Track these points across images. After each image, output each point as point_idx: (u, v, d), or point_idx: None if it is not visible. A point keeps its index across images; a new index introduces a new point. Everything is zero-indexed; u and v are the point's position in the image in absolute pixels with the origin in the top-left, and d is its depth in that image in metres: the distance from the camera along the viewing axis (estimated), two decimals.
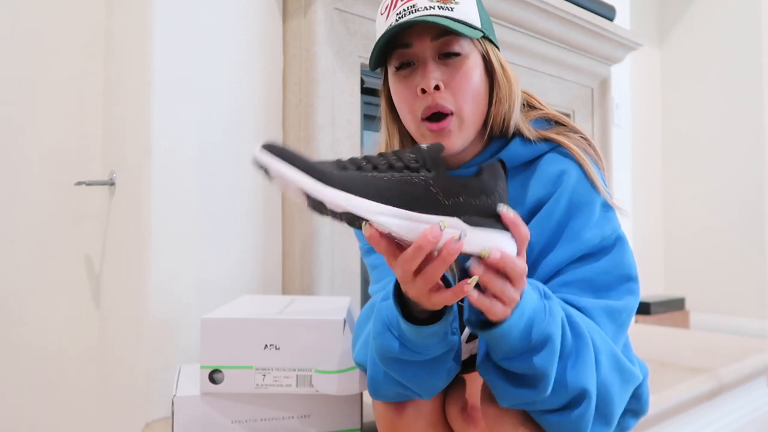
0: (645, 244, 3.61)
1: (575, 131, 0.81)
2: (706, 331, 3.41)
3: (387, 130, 0.83)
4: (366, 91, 1.47)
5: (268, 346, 0.92)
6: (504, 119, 0.78)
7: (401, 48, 0.76)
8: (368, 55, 1.43)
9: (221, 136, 1.28)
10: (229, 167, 1.29)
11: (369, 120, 1.52)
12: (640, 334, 2.04)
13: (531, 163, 0.80)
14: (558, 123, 0.82)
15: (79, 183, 1.37)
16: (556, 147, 0.79)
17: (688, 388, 1.39)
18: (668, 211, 3.92)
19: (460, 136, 0.76)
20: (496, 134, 0.81)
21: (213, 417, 0.93)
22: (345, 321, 0.94)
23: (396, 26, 0.71)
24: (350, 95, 1.39)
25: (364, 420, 0.99)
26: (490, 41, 0.78)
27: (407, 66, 0.76)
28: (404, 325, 0.64)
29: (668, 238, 3.91)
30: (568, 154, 0.78)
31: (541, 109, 0.83)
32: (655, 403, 1.23)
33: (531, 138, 0.79)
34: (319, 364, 0.91)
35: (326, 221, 1.32)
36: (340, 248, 1.34)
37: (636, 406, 0.81)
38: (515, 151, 0.79)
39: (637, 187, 3.43)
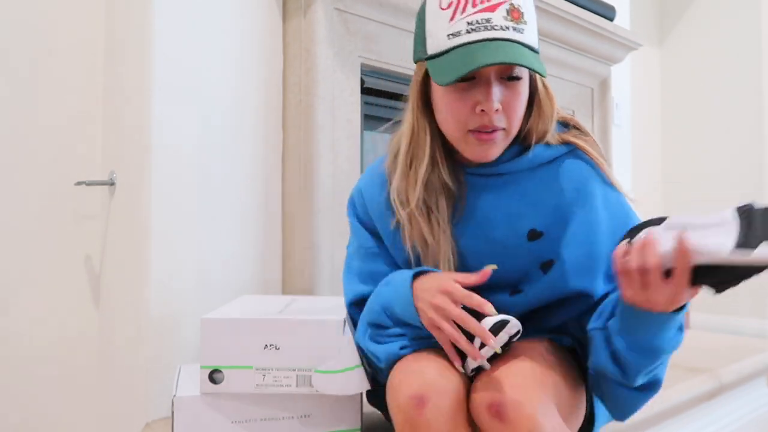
0: None
1: (586, 134, 0.88)
2: (706, 331, 3.41)
3: (416, 123, 0.84)
4: (366, 91, 1.47)
5: (268, 346, 0.92)
6: (542, 134, 0.84)
7: None
8: (368, 55, 1.45)
9: (221, 135, 1.28)
10: (229, 167, 1.29)
11: (369, 120, 1.52)
12: None
13: (550, 163, 0.85)
14: (574, 126, 0.88)
15: (79, 183, 1.37)
16: (573, 150, 0.85)
17: (688, 388, 1.39)
18: (668, 211, 3.92)
19: (502, 147, 0.82)
20: (529, 142, 0.85)
21: (213, 417, 0.93)
22: (345, 321, 0.94)
23: (483, 64, 0.71)
24: (350, 95, 1.39)
25: (364, 420, 0.99)
26: None
27: (467, 80, 0.76)
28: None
29: None
30: (585, 158, 0.85)
31: (558, 113, 0.88)
32: (655, 403, 1.23)
33: (554, 142, 0.85)
34: (319, 364, 0.91)
35: (326, 217, 1.32)
36: (340, 248, 1.34)
37: None
38: (538, 153, 0.85)
39: (637, 187, 3.42)
